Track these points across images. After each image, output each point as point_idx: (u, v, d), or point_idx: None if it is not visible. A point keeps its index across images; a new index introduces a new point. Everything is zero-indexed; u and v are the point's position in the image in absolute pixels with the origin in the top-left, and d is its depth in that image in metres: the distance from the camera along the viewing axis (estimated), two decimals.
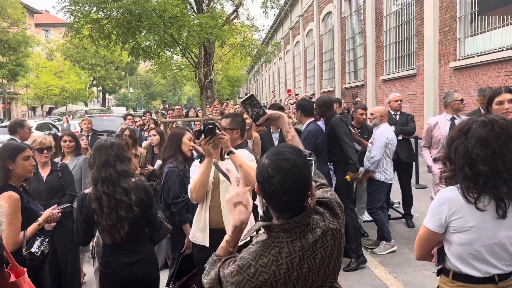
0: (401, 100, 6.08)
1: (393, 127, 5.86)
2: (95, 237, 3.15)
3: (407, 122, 5.92)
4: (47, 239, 2.86)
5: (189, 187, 2.79)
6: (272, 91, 21.39)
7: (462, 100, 4.83)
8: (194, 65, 7.68)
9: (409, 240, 5.35)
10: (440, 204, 1.85)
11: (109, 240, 2.58)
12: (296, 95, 10.43)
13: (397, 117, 6.04)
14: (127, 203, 2.55)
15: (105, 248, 2.70)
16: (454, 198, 1.81)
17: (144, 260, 2.68)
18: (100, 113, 25.37)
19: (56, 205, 3.14)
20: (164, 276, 3.49)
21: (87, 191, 2.68)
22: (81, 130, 8.45)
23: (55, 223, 3.01)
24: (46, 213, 2.92)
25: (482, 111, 4.31)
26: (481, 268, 1.80)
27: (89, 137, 7.14)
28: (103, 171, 2.59)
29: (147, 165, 4.81)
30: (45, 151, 3.82)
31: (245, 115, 5.10)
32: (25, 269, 2.01)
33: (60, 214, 3.03)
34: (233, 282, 1.37)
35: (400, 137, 5.85)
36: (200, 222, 2.84)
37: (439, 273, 2.00)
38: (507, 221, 1.75)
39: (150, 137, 5.24)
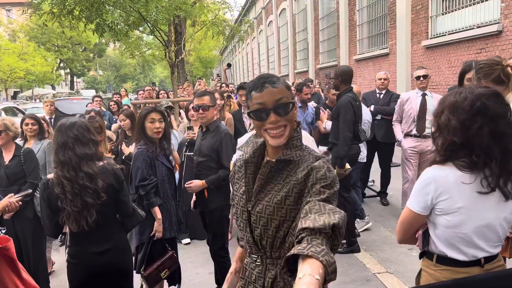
0: (385, 79, 6.02)
1: (372, 107, 5.84)
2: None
3: (389, 102, 5.88)
4: (4, 230, 2.68)
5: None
6: (218, 75, 21.08)
7: (419, 76, 4.89)
8: (163, 43, 7.38)
9: (384, 218, 5.38)
10: (425, 184, 1.72)
11: (75, 228, 2.40)
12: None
13: (381, 96, 6.00)
14: (93, 189, 2.36)
15: (73, 236, 2.51)
16: (441, 178, 1.68)
17: (115, 248, 2.52)
18: (70, 96, 24.58)
19: (13, 194, 2.93)
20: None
21: (49, 176, 2.48)
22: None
23: (13, 212, 2.81)
24: (3, 202, 2.73)
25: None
26: (468, 252, 1.70)
27: (52, 120, 6.82)
28: (61, 154, 2.39)
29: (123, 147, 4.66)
30: None
31: (216, 95, 4.94)
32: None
33: (20, 203, 2.83)
34: None
35: (378, 117, 5.84)
36: None
37: (421, 256, 1.90)
38: (497, 201, 1.65)
39: (120, 121, 5.03)
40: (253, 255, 1.64)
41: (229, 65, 15.88)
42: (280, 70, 25.89)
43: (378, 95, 6.01)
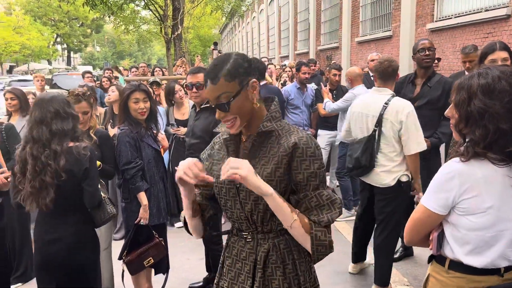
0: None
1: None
2: None
3: None
4: None
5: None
6: (219, 51, 20.68)
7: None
8: (159, 18, 7.08)
9: None
10: (448, 179, 1.48)
11: (34, 208, 2.25)
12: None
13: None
14: (54, 168, 2.19)
15: (36, 219, 2.39)
16: (467, 172, 1.45)
17: (69, 238, 2.32)
18: (68, 71, 24.27)
19: (5, 169, 2.74)
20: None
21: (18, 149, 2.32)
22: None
23: (7, 187, 2.59)
24: None
25: (466, 72, 4.07)
26: (490, 259, 1.48)
27: None
28: (36, 130, 2.22)
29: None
30: None
31: None
32: None
33: (9, 179, 2.63)
34: None
35: None
36: None
37: (430, 259, 1.68)
38: None
39: (109, 93, 4.78)
40: (243, 232, 1.62)
41: (215, 44, 15.50)
42: (280, 50, 25.46)
43: (372, 77, 5.76)
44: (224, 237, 2.63)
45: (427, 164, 3.59)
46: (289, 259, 1.56)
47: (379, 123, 3.17)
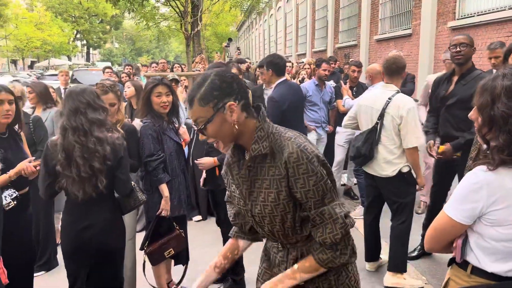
0: None
1: None
2: None
3: (405, 83, 5.59)
4: (16, 195, 2.61)
5: None
6: (238, 48, 20.67)
7: (445, 60, 4.55)
8: (179, 14, 7.14)
9: None
10: (475, 189, 1.40)
11: (82, 195, 2.33)
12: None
13: None
14: (102, 153, 2.29)
15: (67, 206, 2.46)
16: (496, 182, 1.37)
17: (101, 225, 2.42)
18: (88, 67, 24.69)
19: (34, 158, 2.83)
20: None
21: (53, 138, 2.41)
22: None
23: (35, 175, 2.69)
24: (20, 165, 2.64)
25: (493, 70, 3.99)
26: None
27: (66, 90, 6.69)
28: (73, 120, 2.30)
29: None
30: None
31: (234, 70, 4.72)
32: None
33: (38, 168, 2.72)
34: None
35: None
36: None
37: (450, 263, 1.63)
38: None
39: (125, 89, 4.86)
40: (273, 243, 1.67)
41: (229, 40, 15.31)
42: (297, 48, 25.36)
43: None
44: None
45: (454, 168, 3.58)
46: None
47: (381, 116, 3.33)
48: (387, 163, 3.36)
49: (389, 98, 3.32)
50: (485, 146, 1.48)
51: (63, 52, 40.51)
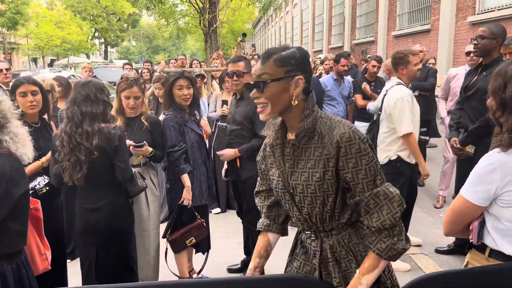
0: (420, 51, 5.69)
1: None
2: None
3: (426, 77, 5.56)
4: (48, 181, 2.79)
5: None
6: (253, 45, 20.66)
7: (470, 52, 4.48)
8: (198, 10, 7.23)
9: (419, 198, 5.11)
10: (489, 170, 1.44)
11: (69, 181, 2.50)
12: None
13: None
14: (86, 146, 2.42)
15: (78, 190, 2.63)
16: (510, 163, 1.40)
17: (106, 208, 2.57)
18: (107, 65, 25.07)
19: None
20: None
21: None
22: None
23: None
24: (48, 155, 2.77)
25: None
26: None
27: None
28: (69, 110, 2.47)
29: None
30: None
31: (253, 62, 4.78)
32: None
33: None
34: None
35: (416, 93, 5.54)
36: None
37: (469, 247, 1.66)
38: None
39: (156, 89, 4.98)
40: (306, 232, 1.66)
41: (244, 35, 15.28)
42: (313, 45, 25.27)
43: None
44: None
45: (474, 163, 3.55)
46: (357, 251, 1.57)
47: (381, 107, 3.60)
48: (380, 150, 3.56)
49: (387, 91, 3.57)
50: (499, 130, 1.51)
51: (82, 50, 41.10)
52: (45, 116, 3.05)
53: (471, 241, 1.62)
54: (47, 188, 2.76)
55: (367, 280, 1.46)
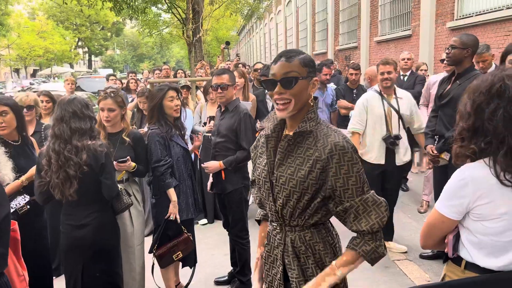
0: (408, 59, 5.78)
1: None
2: None
3: (414, 84, 5.65)
4: (28, 200, 2.71)
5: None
6: (237, 54, 20.89)
7: (444, 60, 4.56)
8: (181, 21, 7.25)
9: (404, 204, 5.25)
10: (461, 185, 1.48)
11: (60, 197, 2.50)
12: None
13: (405, 78, 5.76)
14: (76, 161, 2.44)
15: (64, 207, 2.63)
16: (481, 178, 1.44)
17: (93, 225, 2.58)
18: (91, 75, 24.83)
19: None
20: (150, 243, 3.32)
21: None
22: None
23: None
24: (31, 171, 2.75)
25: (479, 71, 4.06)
26: (508, 261, 1.48)
27: None
28: (57, 128, 2.48)
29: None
30: (24, 110, 3.55)
31: (236, 74, 4.81)
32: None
33: None
34: None
35: None
36: None
37: (445, 260, 1.70)
38: None
39: (141, 103, 4.98)
40: (273, 223, 1.76)
41: (227, 43, 15.49)
42: None
43: (402, 77, 5.78)
44: (252, 232, 2.74)
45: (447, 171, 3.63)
46: (315, 250, 1.67)
47: None
48: None
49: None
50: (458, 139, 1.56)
51: (65, 59, 40.75)
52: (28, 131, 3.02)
53: (445, 252, 1.66)
54: (28, 206, 2.73)
55: (342, 272, 1.58)
